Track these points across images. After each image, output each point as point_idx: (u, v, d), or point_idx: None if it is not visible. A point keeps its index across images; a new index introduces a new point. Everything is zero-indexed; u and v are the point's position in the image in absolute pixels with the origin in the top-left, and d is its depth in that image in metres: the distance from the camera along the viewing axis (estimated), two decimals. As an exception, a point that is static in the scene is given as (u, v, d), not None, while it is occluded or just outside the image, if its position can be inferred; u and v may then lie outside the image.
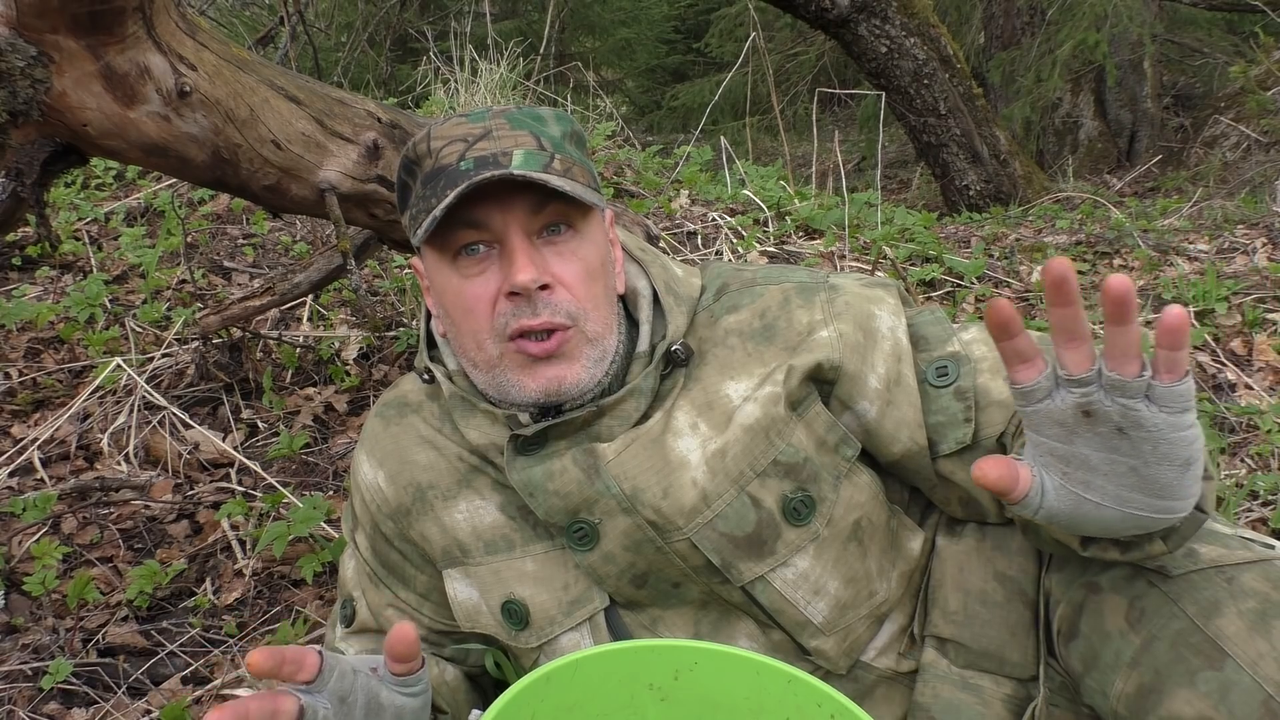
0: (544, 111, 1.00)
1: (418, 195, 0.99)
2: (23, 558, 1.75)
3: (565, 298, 0.97)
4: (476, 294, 0.97)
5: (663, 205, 3.15)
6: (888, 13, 4.26)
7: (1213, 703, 0.82)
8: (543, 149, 0.96)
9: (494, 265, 0.97)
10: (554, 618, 1.06)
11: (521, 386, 0.99)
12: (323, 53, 5.30)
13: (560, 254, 0.97)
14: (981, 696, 1.01)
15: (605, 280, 1.01)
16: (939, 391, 1.02)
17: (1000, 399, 1.00)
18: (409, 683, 0.92)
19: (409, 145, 1.00)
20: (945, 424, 1.01)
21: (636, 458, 1.00)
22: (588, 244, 0.99)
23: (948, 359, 1.03)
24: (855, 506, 1.03)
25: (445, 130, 0.98)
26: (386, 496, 1.12)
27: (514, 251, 0.95)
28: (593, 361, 0.99)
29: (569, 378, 0.98)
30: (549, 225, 0.97)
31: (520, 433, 1.01)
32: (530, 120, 0.98)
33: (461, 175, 0.94)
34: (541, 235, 0.97)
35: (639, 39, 8.28)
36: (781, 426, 1.00)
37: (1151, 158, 5.64)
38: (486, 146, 0.95)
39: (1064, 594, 0.97)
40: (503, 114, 0.98)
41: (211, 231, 3.18)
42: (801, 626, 1.02)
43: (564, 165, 0.96)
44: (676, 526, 0.99)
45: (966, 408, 1.00)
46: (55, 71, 1.28)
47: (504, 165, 0.93)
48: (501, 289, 0.96)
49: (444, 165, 0.96)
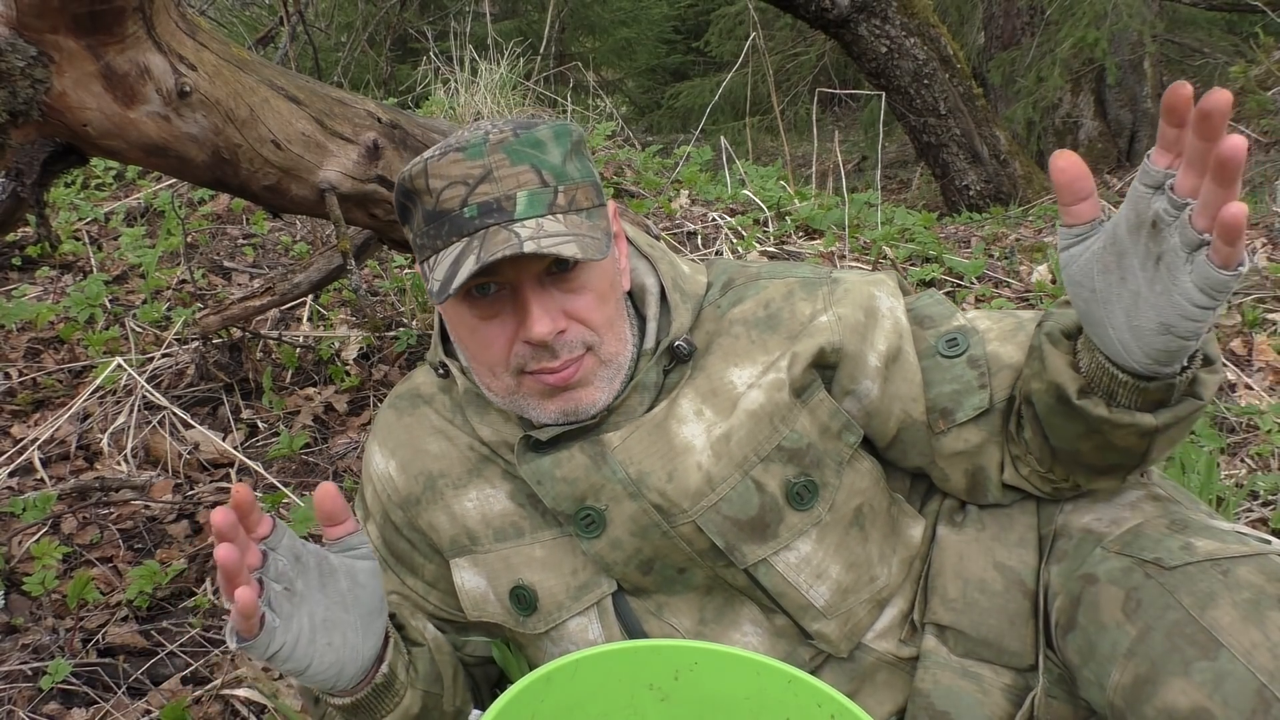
0: (541, 134, 0.97)
1: (420, 228, 0.98)
2: (23, 558, 1.75)
3: (580, 333, 0.98)
4: (492, 335, 0.99)
5: (663, 205, 3.15)
6: (888, 13, 4.26)
7: (1207, 692, 0.83)
8: (545, 184, 0.95)
9: (507, 308, 0.98)
10: (562, 603, 1.07)
11: (540, 410, 1.01)
12: (323, 53, 5.30)
13: (572, 290, 0.98)
14: (981, 685, 1.02)
15: (616, 296, 1.02)
16: (951, 361, 1.04)
17: (1009, 362, 1.03)
18: (350, 544, 0.93)
19: (405, 174, 0.98)
20: (960, 392, 1.03)
21: (642, 443, 1.02)
22: (596, 271, 0.99)
23: (956, 331, 1.06)
24: (857, 492, 1.05)
25: (443, 169, 0.95)
26: (397, 486, 1.14)
27: (528, 303, 0.95)
28: (608, 381, 1.01)
29: (586, 400, 1.00)
30: (558, 260, 0.96)
31: (535, 435, 1.03)
32: (529, 150, 0.96)
33: (466, 224, 0.94)
34: (550, 271, 0.97)
35: (639, 39, 8.29)
36: (786, 413, 1.02)
37: (1151, 158, 5.62)
38: (488, 191, 0.94)
39: (1062, 585, 0.99)
40: (501, 147, 0.95)
41: (211, 231, 3.18)
42: (804, 610, 1.04)
43: (568, 196, 0.96)
44: (682, 509, 1.01)
45: (980, 374, 1.03)
46: (55, 71, 1.28)
47: (508, 211, 0.93)
48: (518, 335, 0.97)
49: (446, 210, 0.95)
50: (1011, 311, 1.10)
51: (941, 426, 1.04)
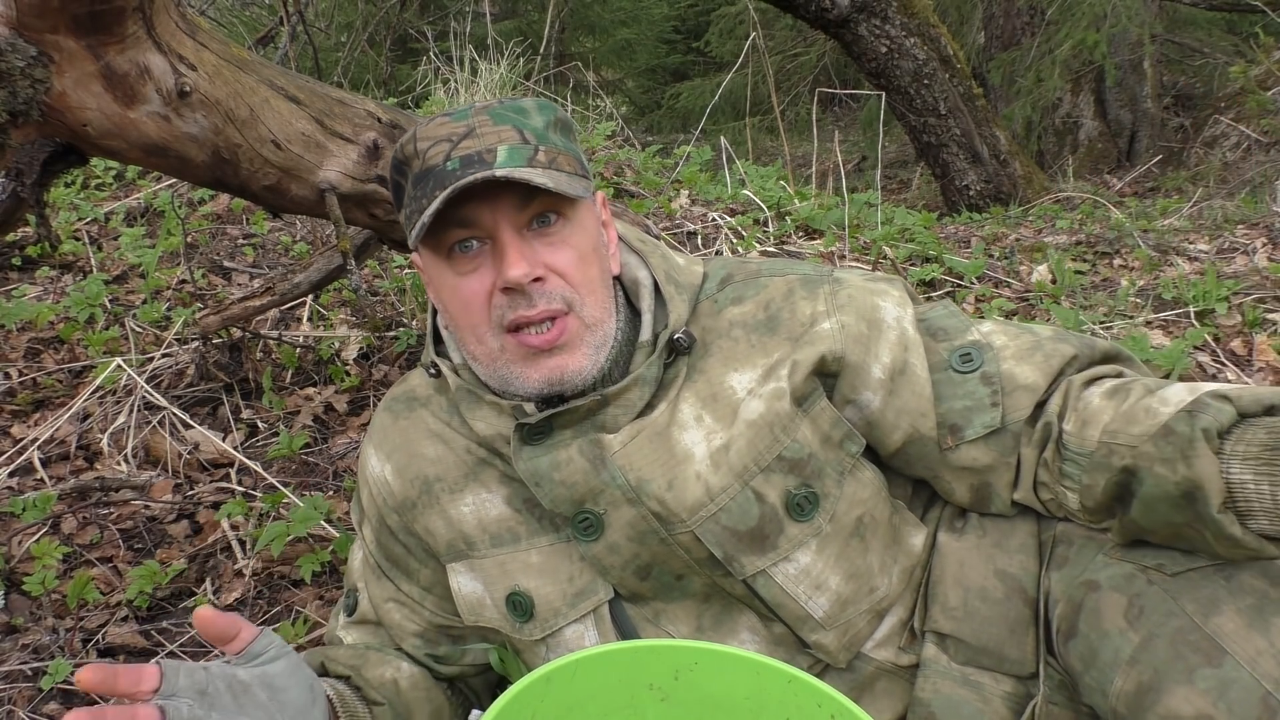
0: (526, 103, 1.01)
1: (410, 196, 1.00)
2: (23, 558, 1.75)
3: (559, 285, 0.98)
4: (472, 290, 0.99)
5: (663, 205, 3.15)
6: (888, 13, 4.26)
7: (1212, 700, 0.83)
8: (526, 142, 0.98)
9: (487, 261, 0.99)
10: (558, 609, 1.06)
11: (524, 378, 1.00)
12: (323, 53, 5.30)
13: (551, 243, 0.99)
14: (981, 693, 1.01)
15: (599, 264, 1.03)
16: (964, 377, 1.03)
17: (1026, 383, 1.01)
18: (254, 652, 0.92)
19: (398, 146, 1.02)
20: (972, 408, 1.02)
21: (642, 449, 1.01)
22: (578, 231, 1.00)
23: (970, 346, 1.04)
24: (858, 503, 1.04)
25: (430, 130, 0.99)
26: (393, 489, 1.13)
27: (505, 247, 0.96)
28: (593, 349, 1.01)
29: (570, 366, 0.99)
30: (538, 216, 0.98)
31: (525, 421, 1.02)
32: (513, 114, 1.00)
33: (448, 175, 0.95)
34: (531, 227, 0.98)
35: (639, 39, 8.29)
36: (786, 422, 1.01)
37: (1151, 158, 5.64)
38: (470, 145, 0.97)
39: (1063, 592, 0.98)
40: (485, 110, 0.99)
41: (211, 231, 3.18)
42: (802, 621, 1.03)
43: (549, 156, 0.98)
44: (680, 519, 1.00)
45: (993, 392, 1.01)
46: (55, 71, 1.28)
47: (488, 163, 0.95)
48: (496, 284, 0.98)
49: (431, 166, 0.97)
50: (1028, 327, 1.07)
51: (950, 443, 1.03)
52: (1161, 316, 2.48)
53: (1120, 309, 2.55)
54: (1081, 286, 2.74)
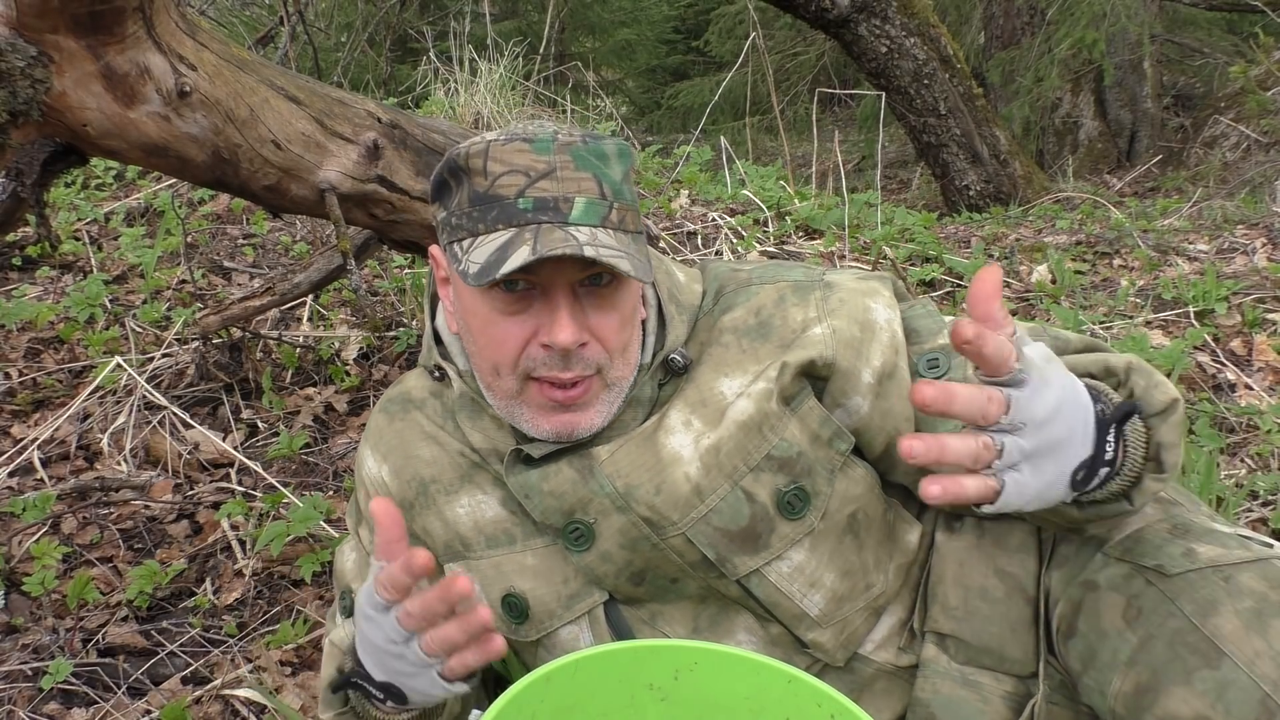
0: (608, 146, 0.96)
1: (463, 211, 0.96)
2: (23, 558, 1.75)
3: (597, 352, 0.97)
4: (510, 333, 0.96)
5: (663, 205, 3.15)
6: (888, 13, 4.26)
7: (1210, 701, 0.83)
8: (603, 197, 0.94)
9: (533, 309, 0.96)
10: (553, 611, 1.06)
11: (534, 424, 1.00)
12: (323, 53, 5.30)
13: (600, 306, 0.96)
14: (981, 693, 1.01)
15: (635, 321, 1.01)
16: None
17: None
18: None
19: (460, 150, 0.96)
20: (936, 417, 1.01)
21: (629, 456, 1.01)
22: (626, 292, 0.98)
23: (939, 351, 1.03)
24: (850, 500, 1.04)
25: (506, 154, 0.94)
26: (390, 490, 1.13)
27: (558, 307, 0.94)
28: (608, 404, 1.00)
29: (583, 424, 0.99)
30: (594, 275, 0.95)
31: (527, 450, 1.02)
32: (595, 160, 0.95)
33: (519, 214, 0.92)
34: (584, 283, 0.95)
35: (639, 39, 8.29)
36: (774, 421, 1.01)
37: (1151, 158, 5.64)
38: (548, 188, 0.93)
39: (1063, 592, 0.98)
40: (568, 149, 0.94)
41: (211, 231, 3.18)
42: (798, 619, 1.03)
43: (620, 215, 0.95)
44: (671, 522, 1.00)
45: None
46: (55, 71, 1.28)
47: (563, 213, 0.92)
48: (537, 337, 0.96)
49: (500, 195, 0.93)
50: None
51: None
52: (1161, 316, 2.48)
53: (1120, 309, 2.55)
54: (1081, 286, 2.75)
